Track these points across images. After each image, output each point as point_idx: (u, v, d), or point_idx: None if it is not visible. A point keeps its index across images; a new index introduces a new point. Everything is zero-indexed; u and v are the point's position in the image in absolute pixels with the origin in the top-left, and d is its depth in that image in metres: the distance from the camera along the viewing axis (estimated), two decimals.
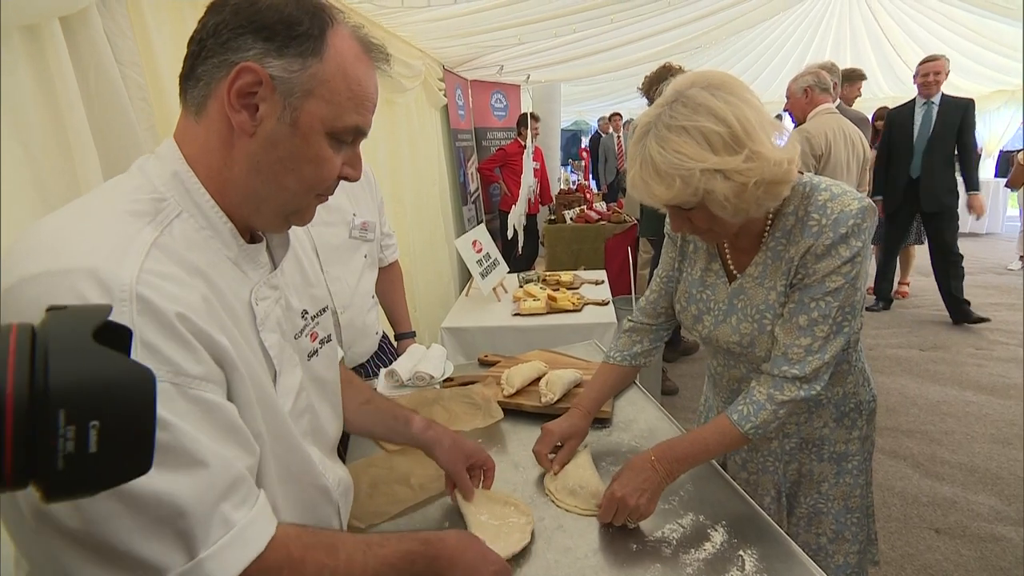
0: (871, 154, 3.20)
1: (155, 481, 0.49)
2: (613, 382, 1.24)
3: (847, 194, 0.95)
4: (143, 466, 0.36)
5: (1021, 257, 5.82)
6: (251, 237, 0.71)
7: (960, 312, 4.15)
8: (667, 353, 3.56)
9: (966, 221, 7.38)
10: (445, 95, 4.07)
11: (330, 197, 0.70)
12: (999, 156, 9.00)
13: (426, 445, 1.01)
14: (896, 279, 4.84)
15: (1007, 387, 3.25)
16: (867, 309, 4.44)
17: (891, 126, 4.12)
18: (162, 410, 0.50)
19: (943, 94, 3.95)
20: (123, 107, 1.14)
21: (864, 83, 8.07)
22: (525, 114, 4.90)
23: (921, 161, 3.97)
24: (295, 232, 0.85)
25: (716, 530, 0.95)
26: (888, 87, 8.37)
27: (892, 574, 1.96)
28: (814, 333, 0.94)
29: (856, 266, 0.93)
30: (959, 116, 3.91)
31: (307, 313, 0.80)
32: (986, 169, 9.19)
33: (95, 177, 1.06)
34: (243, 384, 0.61)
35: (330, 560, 0.62)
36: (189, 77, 0.62)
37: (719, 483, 1.08)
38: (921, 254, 4.48)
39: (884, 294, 4.61)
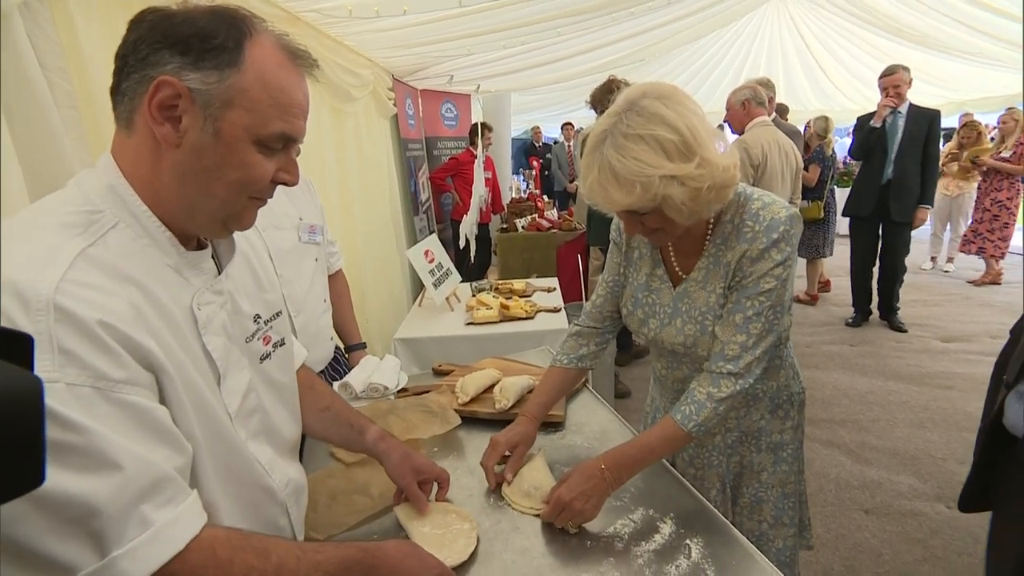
0: (802, 164, 3.42)
1: (67, 483, 0.51)
2: (560, 386, 1.26)
3: (776, 203, 1.03)
4: (32, 480, 0.34)
5: (932, 258, 6.35)
6: (198, 244, 0.73)
7: (892, 318, 4.35)
8: (619, 357, 3.66)
9: None
10: (395, 104, 4.04)
11: (276, 203, 0.72)
12: None
13: (377, 456, 1.02)
14: (807, 288, 5.10)
15: (922, 376, 3.55)
16: (846, 324, 4.44)
17: (861, 132, 4.10)
18: (80, 414, 0.53)
19: (911, 103, 3.92)
20: (48, 115, 1.08)
21: (794, 97, 8.57)
22: (477, 124, 4.94)
23: (892, 169, 3.97)
24: (248, 237, 0.86)
25: (665, 522, 1.00)
26: (817, 101, 8.97)
27: (828, 554, 2.10)
28: (749, 330, 1.01)
29: (787, 269, 1.01)
30: (926, 125, 3.88)
31: (260, 317, 0.82)
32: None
33: (18, 189, 1.01)
34: (173, 386, 0.63)
35: (259, 563, 0.63)
36: (116, 92, 0.64)
37: (668, 479, 1.14)
38: (844, 256, 4.82)
39: (864, 308, 4.50)
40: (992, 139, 5.80)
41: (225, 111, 0.62)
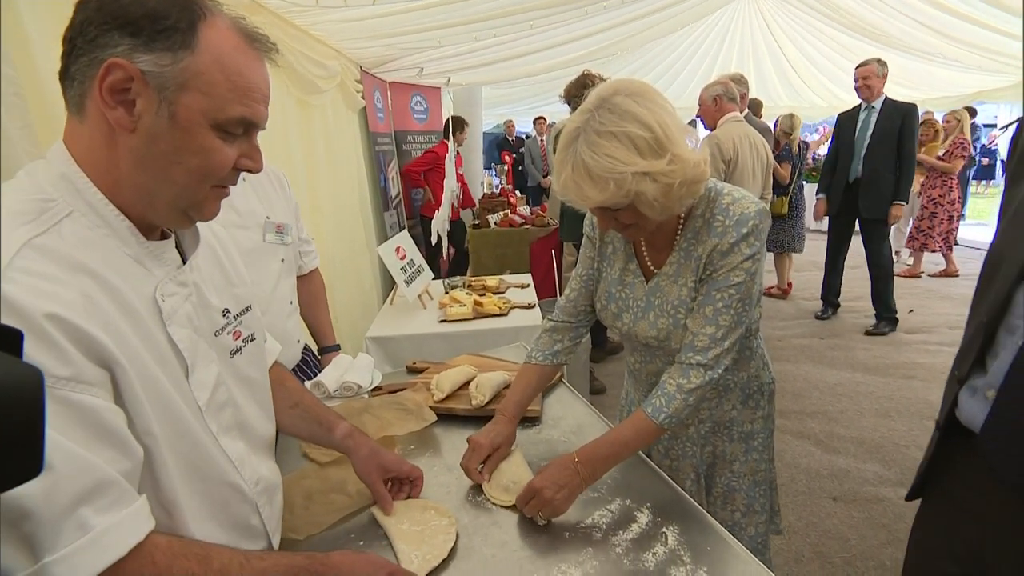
0: (773, 160, 3.53)
1: None
2: (536, 383, 1.28)
3: (746, 198, 1.07)
4: (30, 470, 0.36)
5: (896, 252, 6.64)
6: (161, 234, 0.72)
7: (877, 324, 4.25)
8: (594, 354, 3.72)
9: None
10: (363, 97, 4.01)
11: (241, 201, 0.72)
12: None
13: (345, 452, 1.04)
14: (777, 282, 5.24)
15: (887, 367, 3.73)
16: (816, 317, 4.55)
17: (838, 128, 4.14)
18: None
19: (887, 98, 3.88)
20: None
21: (765, 93, 8.80)
22: (453, 118, 4.92)
23: (861, 165, 3.97)
24: (215, 231, 0.86)
25: (642, 512, 1.04)
26: (787, 97, 9.25)
27: (799, 541, 2.20)
28: (718, 322, 1.06)
29: (756, 262, 1.06)
30: (899, 120, 3.82)
31: (228, 311, 0.82)
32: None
33: None
34: (127, 380, 0.62)
35: (200, 569, 0.63)
36: (65, 76, 0.63)
37: (644, 470, 1.18)
38: (815, 251, 4.99)
39: (832, 301, 4.60)
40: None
41: (180, 94, 0.61)
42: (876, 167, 3.97)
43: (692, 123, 6.56)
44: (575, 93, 2.67)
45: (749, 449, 1.30)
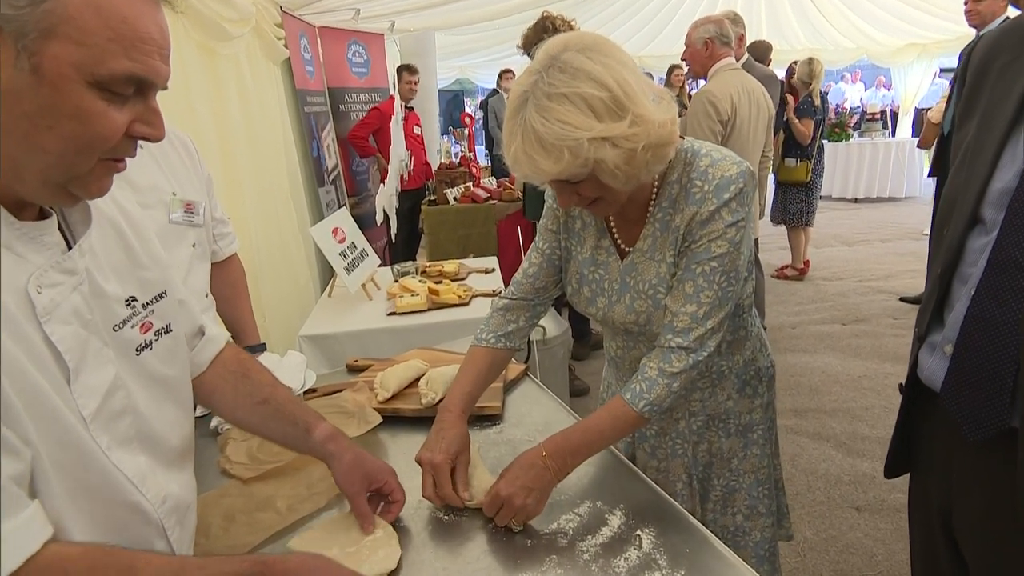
0: (774, 112, 3.61)
1: None
2: (487, 371, 1.31)
3: (727, 159, 1.15)
4: None
5: None
6: (40, 213, 0.73)
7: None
8: (577, 349, 3.81)
9: (885, 185, 8.59)
10: (286, 46, 4.00)
11: (140, 174, 0.74)
12: (915, 114, 10.57)
13: (324, 458, 1.07)
14: (792, 261, 5.41)
15: None
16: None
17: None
18: None
19: (1007, 19, 3.56)
20: None
21: (779, 33, 8.89)
22: (401, 66, 4.89)
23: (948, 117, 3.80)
24: (120, 204, 0.89)
25: (614, 514, 1.12)
26: (805, 39, 9.44)
27: (817, 558, 2.33)
28: (699, 299, 1.13)
29: (740, 230, 1.13)
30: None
31: (134, 300, 0.84)
32: (904, 128, 10.74)
33: None
34: None
35: None
36: None
37: (619, 468, 1.26)
38: (835, 223, 5.19)
39: None
40: None
41: (45, 43, 0.61)
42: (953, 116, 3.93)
43: (676, 67, 6.54)
44: (535, 40, 2.69)
45: (748, 443, 1.38)
